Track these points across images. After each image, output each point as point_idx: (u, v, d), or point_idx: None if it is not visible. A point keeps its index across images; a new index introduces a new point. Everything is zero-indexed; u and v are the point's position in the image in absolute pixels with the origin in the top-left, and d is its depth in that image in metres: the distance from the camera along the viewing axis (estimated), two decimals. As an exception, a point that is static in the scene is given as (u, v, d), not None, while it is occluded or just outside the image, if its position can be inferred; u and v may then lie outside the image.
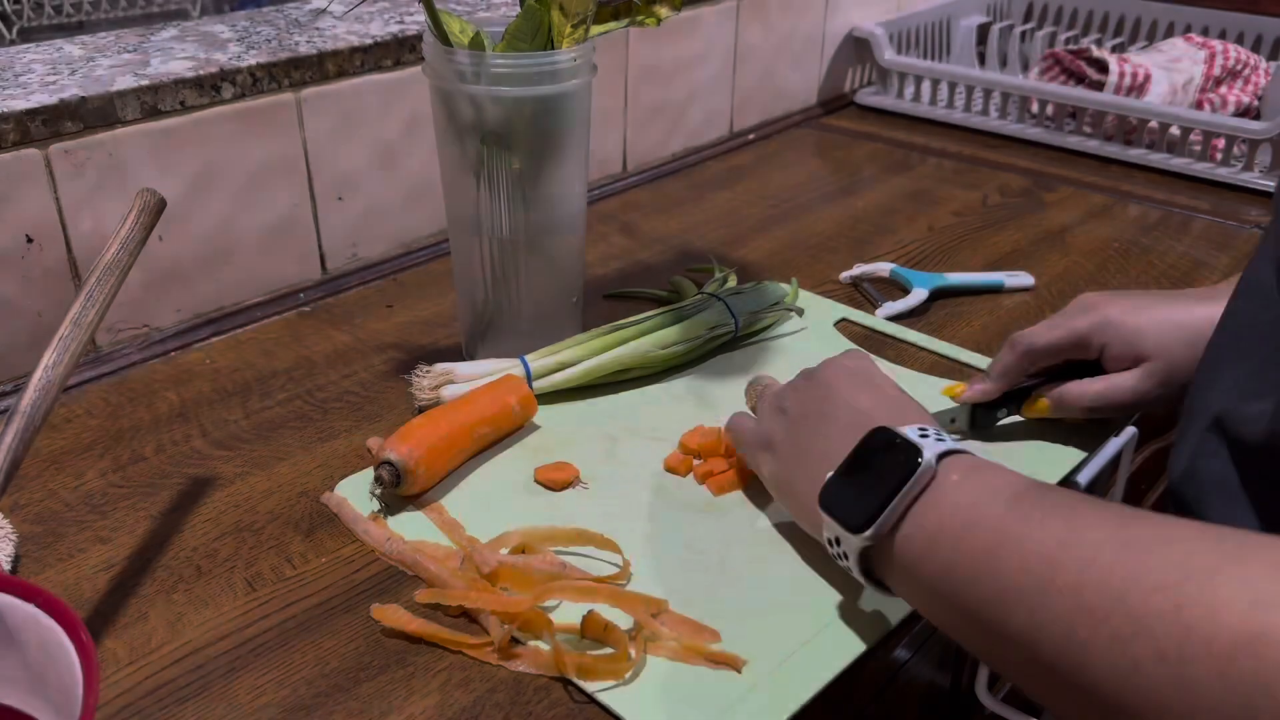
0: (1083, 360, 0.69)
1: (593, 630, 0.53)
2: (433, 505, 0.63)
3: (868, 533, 0.49)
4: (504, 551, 0.59)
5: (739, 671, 0.52)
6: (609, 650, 0.53)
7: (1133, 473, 0.80)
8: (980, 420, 0.70)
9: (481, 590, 0.56)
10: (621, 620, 0.54)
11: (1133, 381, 0.66)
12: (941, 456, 0.49)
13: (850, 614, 0.56)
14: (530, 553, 0.59)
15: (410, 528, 0.62)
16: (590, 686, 0.51)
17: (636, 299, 0.89)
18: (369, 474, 0.65)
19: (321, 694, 0.52)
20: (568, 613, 0.55)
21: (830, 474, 0.53)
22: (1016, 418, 0.71)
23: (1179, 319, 0.66)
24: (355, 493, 0.65)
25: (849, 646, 0.54)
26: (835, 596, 0.57)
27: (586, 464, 0.67)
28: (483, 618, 0.55)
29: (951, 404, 0.70)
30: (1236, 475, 0.53)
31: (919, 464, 0.49)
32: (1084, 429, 0.71)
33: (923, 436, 0.50)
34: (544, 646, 0.53)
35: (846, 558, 0.52)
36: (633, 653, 0.52)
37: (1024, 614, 0.42)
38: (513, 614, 0.54)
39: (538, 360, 0.73)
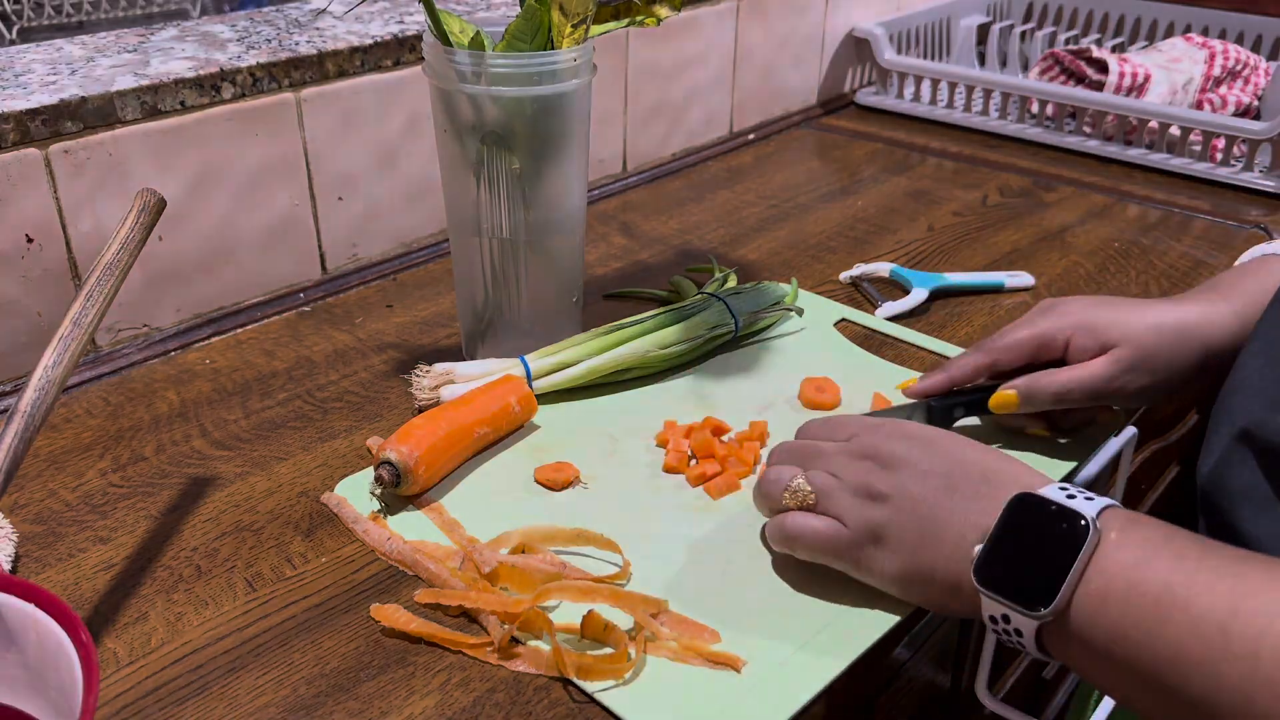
0: (1049, 362, 0.67)
1: (592, 630, 0.53)
2: (432, 505, 0.63)
3: (1049, 609, 0.47)
4: (504, 551, 0.59)
5: (739, 672, 0.52)
6: (609, 650, 0.53)
7: (1133, 473, 0.80)
8: (936, 420, 0.68)
9: (481, 590, 0.56)
10: (622, 620, 0.54)
11: (1100, 368, 0.64)
12: (1098, 514, 0.48)
13: (849, 615, 0.56)
14: (530, 553, 0.59)
15: (410, 527, 0.62)
16: (590, 686, 0.51)
17: (636, 299, 0.89)
18: (369, 474, 0.65)
19: (321, 694, 0.52)
20: (568, 613, 0.55)
21: (979, 548, 0.50)
22: (974, 420, 0.69)
23: (1144, 313, 0.65)
24: (355, 493, 0.65)
25: (848, 647, 0.54)
26: (834, 597, 0.57)
27: (586, 464, 0.67)
28: (482, 618, 0.55)
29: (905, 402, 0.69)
30: (1267, 484, 0.53)
31: (1087, 529, 0.47)
32: (1078, 432, 0.71)
33: (1070, 498, 0.49)
34: (544, 646, 0.53)
35: (1015, 635, 0.49)
36: (632, 652, 0.52)
37: (1199, 680, 0.42)
38: (512, 614, 0.54)
39: (538, 360, 0.73)
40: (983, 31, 1.48)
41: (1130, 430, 0.73)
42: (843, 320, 0.85)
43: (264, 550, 0.61)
